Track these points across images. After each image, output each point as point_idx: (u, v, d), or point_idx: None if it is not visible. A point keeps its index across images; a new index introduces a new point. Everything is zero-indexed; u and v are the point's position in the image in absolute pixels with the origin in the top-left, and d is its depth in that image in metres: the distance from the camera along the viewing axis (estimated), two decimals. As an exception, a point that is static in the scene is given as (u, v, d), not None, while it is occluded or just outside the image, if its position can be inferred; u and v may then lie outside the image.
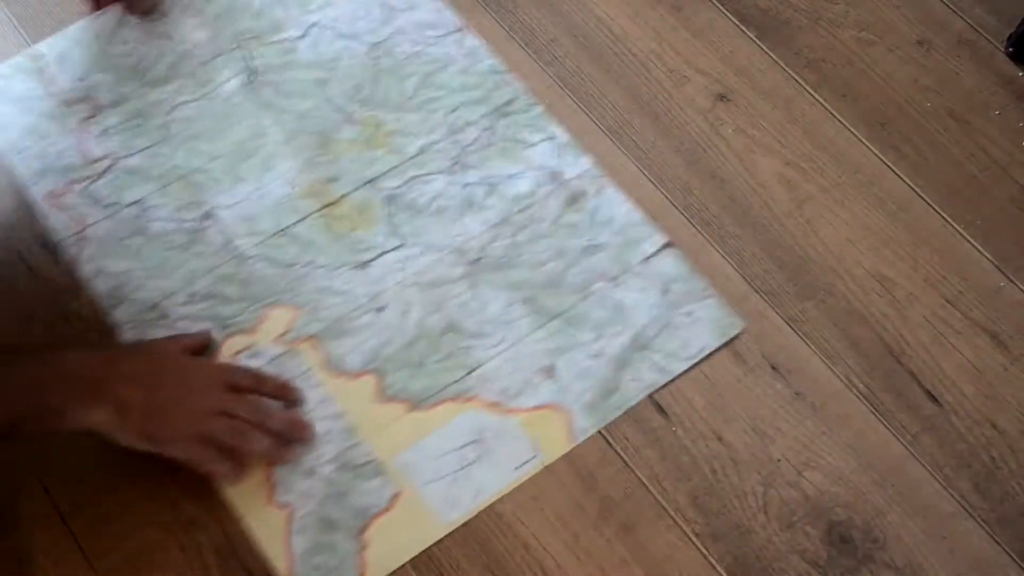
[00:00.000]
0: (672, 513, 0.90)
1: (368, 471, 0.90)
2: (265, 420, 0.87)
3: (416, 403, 0.93)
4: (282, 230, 1.01)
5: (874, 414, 0.95)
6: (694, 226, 1.04)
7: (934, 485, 0.92)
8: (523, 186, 1.05)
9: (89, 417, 0.81)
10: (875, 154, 1.09)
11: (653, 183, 1.06)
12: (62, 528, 0.87)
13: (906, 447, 0.94)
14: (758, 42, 1.16)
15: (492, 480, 0.90)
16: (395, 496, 0.89)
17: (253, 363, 0.93)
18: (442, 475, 0.90)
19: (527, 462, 0.91)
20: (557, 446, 0.92)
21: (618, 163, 1.07)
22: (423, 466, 0.90)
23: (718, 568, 0.88)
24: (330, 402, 0.92)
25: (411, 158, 1.05)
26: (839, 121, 1.11)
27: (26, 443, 0.90)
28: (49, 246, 1.00)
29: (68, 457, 0.90)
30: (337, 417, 0.92)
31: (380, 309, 0.97)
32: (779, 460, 0.92)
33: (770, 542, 0.89)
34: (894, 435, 0.94)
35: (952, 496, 0.92)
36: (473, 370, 0.95)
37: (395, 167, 1.05)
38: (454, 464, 0.91)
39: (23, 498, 0.89)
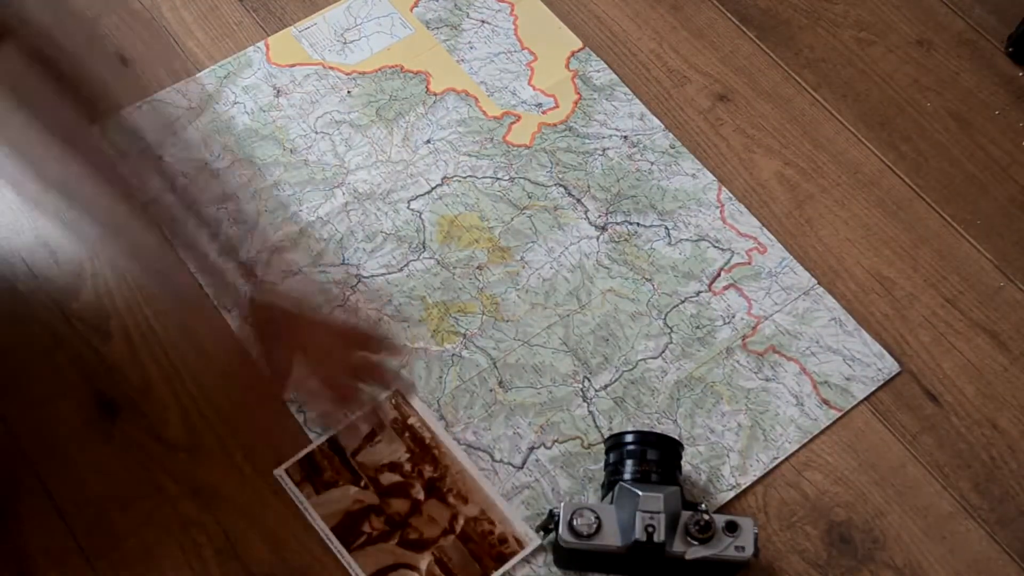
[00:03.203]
0: (672, 513, 0.90)
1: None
2: None
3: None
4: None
5: (874, 414, 0.95)
6: (694, 226, 1.04)
7: (934, 485, 0.92)
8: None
9: None
10: (875, 154, 1.09)
11: (653, 183, 1.06)
12: (62, 528, 0.87)
13: (906, 447, 0.93)
14: (758, 42, 1.16)
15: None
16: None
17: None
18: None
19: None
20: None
21: (618, 163, 1.07)
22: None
23: (718, 568, 0.88)
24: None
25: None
26: (839, 121, 1.11)
27: (26, 443, 0.90)
28: (50, 246, 1.00)
29: (68, 457, 0.90)
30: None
31: None
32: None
33: (770, 542, 0.89)
34: (894, 435, 0.94)
35: (952, 496, 0.91)
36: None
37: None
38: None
39: (23, 498, 0.89)
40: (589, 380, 0.95)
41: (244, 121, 1.07)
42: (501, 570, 0.86)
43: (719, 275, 1.01)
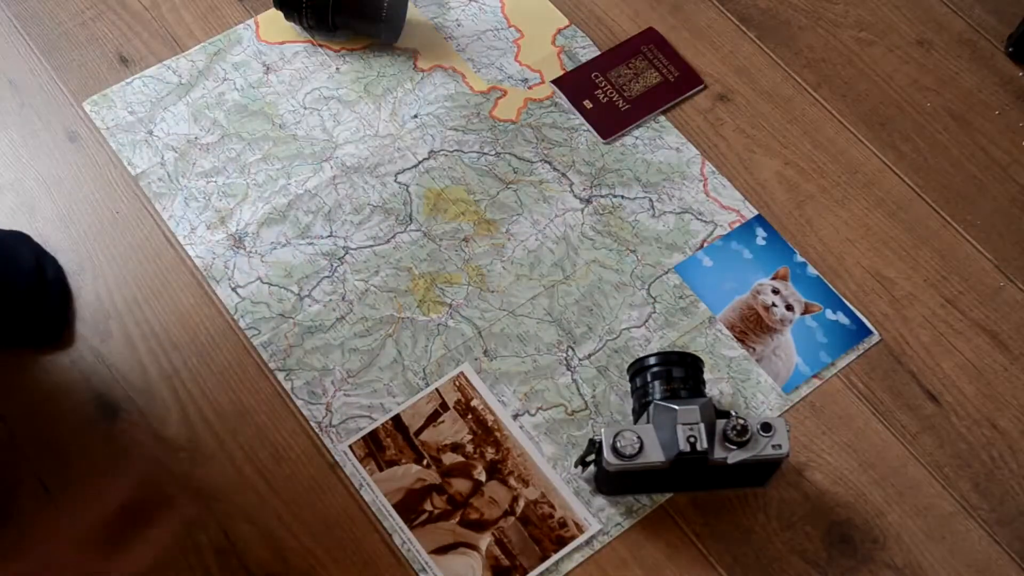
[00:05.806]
0: (672, 515, 0.90)
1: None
2: None
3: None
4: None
5: (874, 414, 0.95)
6: (694, 226, 1.04)
7: (934, 485, 0.92)
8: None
9: None
10: (875, 154, 1.09)
11: (653, 183, 1.06)
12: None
13: (906, 447, 0.93)
14: (758, 42, 1.16)
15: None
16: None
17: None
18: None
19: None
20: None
21: (618, 163, 1.07)
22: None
23: (717, 568, 0.88)
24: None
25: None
26: (839, 121, 1.11)
27: (26, 443, 0.90)
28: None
29: (68, 457, 0.90)
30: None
31: None
32: (779, 460, 0.93)
33: (770, 542, 0.89)
34: (894, 435, 0.94)
35: (952, 496, 0.92)
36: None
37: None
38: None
39: (23, 498, 0.88)
40: (573, 349, 0.96)
41: (234, 97, 1.09)
42: (560, 553, 0.87)
43: (702, 247, 1.02)
